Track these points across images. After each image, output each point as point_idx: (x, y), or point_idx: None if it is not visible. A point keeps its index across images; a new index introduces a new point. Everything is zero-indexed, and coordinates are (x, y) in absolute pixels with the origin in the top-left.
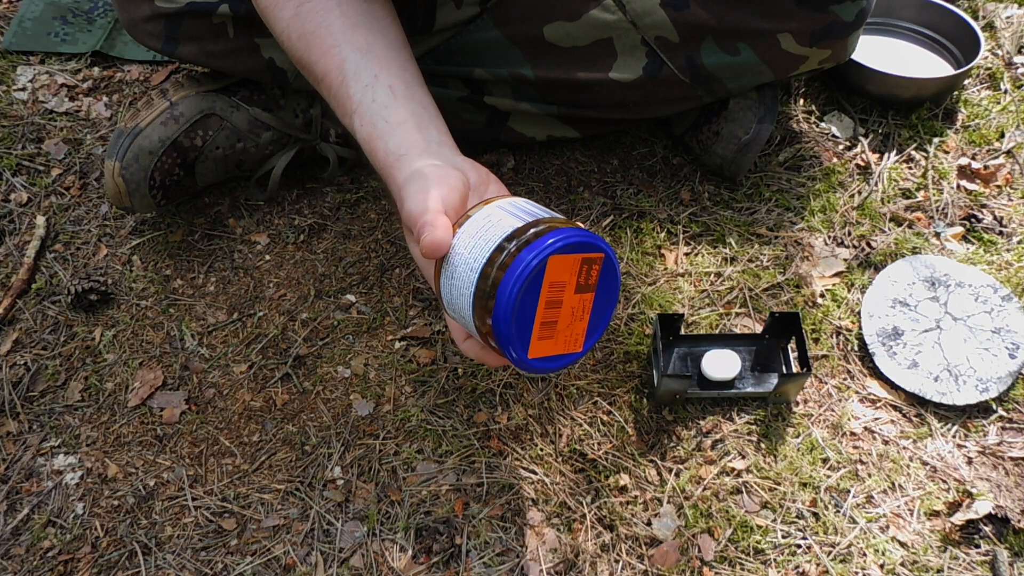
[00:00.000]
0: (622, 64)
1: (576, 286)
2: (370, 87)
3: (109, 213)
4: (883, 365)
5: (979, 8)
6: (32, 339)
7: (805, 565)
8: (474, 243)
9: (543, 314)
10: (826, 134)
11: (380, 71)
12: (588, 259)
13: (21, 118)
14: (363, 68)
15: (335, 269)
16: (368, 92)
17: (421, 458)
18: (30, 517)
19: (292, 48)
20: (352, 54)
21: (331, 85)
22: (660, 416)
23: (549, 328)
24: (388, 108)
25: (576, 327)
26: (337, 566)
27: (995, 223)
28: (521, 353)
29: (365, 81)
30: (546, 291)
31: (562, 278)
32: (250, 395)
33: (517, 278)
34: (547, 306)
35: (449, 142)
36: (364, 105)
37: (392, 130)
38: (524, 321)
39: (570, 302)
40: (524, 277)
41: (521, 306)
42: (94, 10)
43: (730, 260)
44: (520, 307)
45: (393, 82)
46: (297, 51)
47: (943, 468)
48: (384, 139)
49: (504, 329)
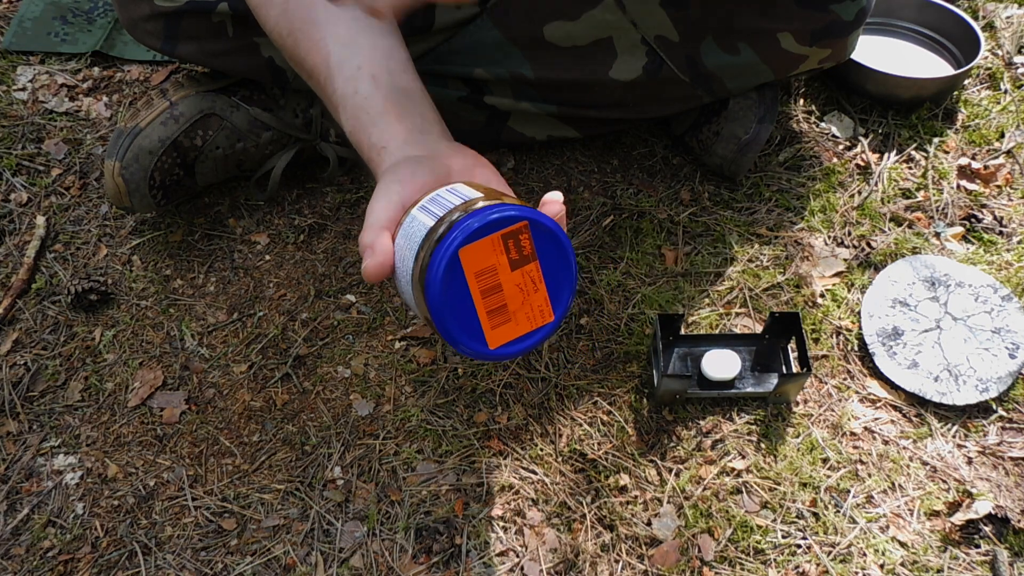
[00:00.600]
0: (622, 64)
1: (511, 263)
2: (352, 79)
3: (109, 213)
4: (883, 365)
5: (979, 8)
6: (32, 339)
7: (805, 565)
8: (402, 256)
9: (485, 304)
10: (826, 134)
11: (364, 62)
12: (508, 233)
13: (21, 118)
14: (347, 60)
15: (335, 269)
16: (351, 84)
17: (421, 458)
18: (30, 517)
19: (283, 46)
20: (336, 47)
21: (319, 80)
22: (660, 416)
23: (500, 313)
24: (370, 99)
25: (534, 300)
26: (337, 566)
27: (995, 223)
28: (480, 348)
29: (348, 73)
30: (475, 282)
31: (487, 263)
32: (250, 395)
33: (435, 286)
34: (485, 295)
35: (435, 128)
36: (348, 98)
37: (373, 121)
38: (468, 320)
39: (512, 280)
40: (438, 283)
41: (456, 310)
42: (94, 10)
43: (730, 260)
44: (455, 311)
45: (376, 71)
46: (288, 48)
47: (943, 468)
48: (367, 131)
49: (453, 335)
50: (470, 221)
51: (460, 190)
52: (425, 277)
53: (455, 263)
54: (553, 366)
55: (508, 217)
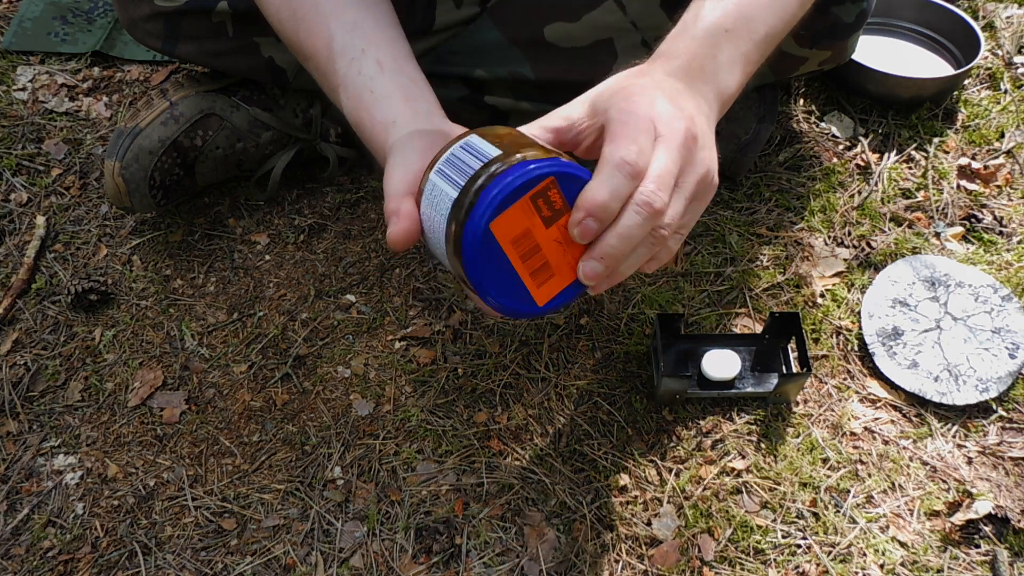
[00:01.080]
0: (622, 65)
1: (544, 220)
2: (356, 61)
3: (109, 213)
4: (883, 365)
5: (979, 8)
6: (32, 339)
7: (805, 565)
8: (430, 226)
9: (526, 267)
10: (826, 134)
11: (367, 46)
12: (536, 193)
13: (21, 118)
14: (350, 44)
15: (335, 269)
16: (354, 66)
17: (421, 458)
18: (30, 517)
19: (283, 30)
20: (339, 31)
21: (319, 63)
22: (660, 416)
23: (543, 271)
24: (375, 80)
25: (573, 248)
26: (337, 566)
27: (995, 223)
28: (529, 308)
29: (351, 55)
30: (512, 249)
31: (521, 227)
32: (250, 395)
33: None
34: (524, 259)
35: (439, 112)
36: (350, 78)
37: (378, 101)
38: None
39: (548, 236)
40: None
41: (498, 280)
42: (94, 10)
43: (730, 260)
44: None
45: (381, 57)
46: (288, 32)
47: (943, 468)
48: (370, 109)
49: (502, 304)
50: (495, 192)
51: (475, 146)
52: (460, 254)
53: (489, 237)
54: (553, 366)
55: (533, 178)
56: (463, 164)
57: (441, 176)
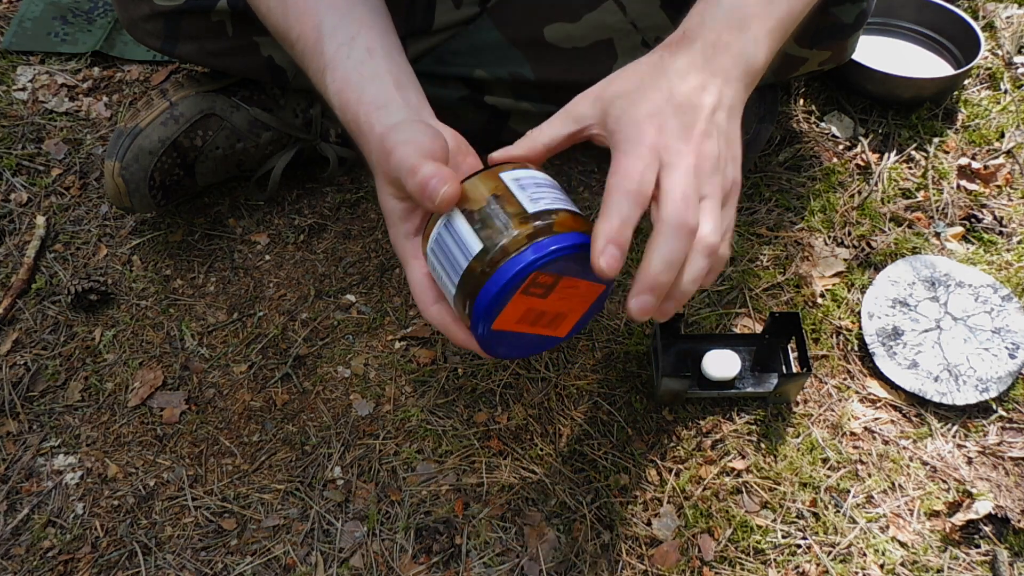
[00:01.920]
0: (623, 65)
1: (542, 295)
2: (345, 45)
3: (109, 213)
4: (883, 365)
5: (979, 8)
6: (32, 339)
7: (805, 565)
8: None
9: (537, 328)
10: (826, 134)
11: (359, 32)
12: (527, 286)
13: (21, 118)
14: (340, 28)
15: (335, 269)
16: (343, 49)
17: (421, 458)
18: (30, 517)
19: (269, 15)
20: (330, 15)
21: (305, 46)
22: (660, 416)
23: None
24: (365, 64)
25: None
26: (337, 566)
27: (995, 223)
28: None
29: (341, 40)
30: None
31: (521, 311)
32: (250, 395)
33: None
34: (533, 324)
35: (428, 107)
36: (338, 60)
37: (368, 83)
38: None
39: (551, 300)
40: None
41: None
42: (94, 10)
43: (730, 260)
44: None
45: (372, 44)
46: (274, 17)
47: (943, 468)
48: (359, 91)
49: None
50: (485, 304)
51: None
52: (473, 333)
53: (494, 333)
54: (553, 366)
55: (518, 281)
56: (451, 254)
57: (435, 258)
